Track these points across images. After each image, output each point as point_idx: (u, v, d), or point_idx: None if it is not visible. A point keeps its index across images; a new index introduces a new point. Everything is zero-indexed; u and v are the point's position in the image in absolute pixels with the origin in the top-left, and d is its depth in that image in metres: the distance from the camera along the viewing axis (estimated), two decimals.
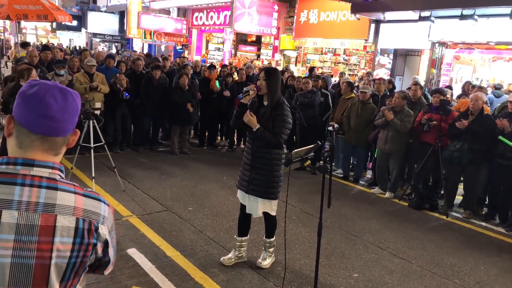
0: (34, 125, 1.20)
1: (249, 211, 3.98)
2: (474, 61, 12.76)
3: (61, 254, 1.17)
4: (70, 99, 1.25)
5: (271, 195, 3.83)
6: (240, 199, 4.07)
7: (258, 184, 3.79)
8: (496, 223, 5.96)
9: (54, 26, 28.19)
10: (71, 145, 1.31)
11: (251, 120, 3.67)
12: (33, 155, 1.21)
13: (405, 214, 6.11)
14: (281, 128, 3.69)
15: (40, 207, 1.16)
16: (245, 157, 3.95)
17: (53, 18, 9.57)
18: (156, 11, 22.57)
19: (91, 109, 5.61)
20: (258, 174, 3.78)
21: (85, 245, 1.21)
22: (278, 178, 3.84)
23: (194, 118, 8.46)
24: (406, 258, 4.64)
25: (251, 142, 3.86)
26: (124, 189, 5.95)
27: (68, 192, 1.21)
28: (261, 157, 3.77)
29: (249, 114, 3.68)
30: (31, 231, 1.14)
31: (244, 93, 3.73)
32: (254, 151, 3.82)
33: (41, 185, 1.18)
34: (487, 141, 5.80)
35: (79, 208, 1.21)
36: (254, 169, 3.81)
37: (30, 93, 1.21)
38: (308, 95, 7.78)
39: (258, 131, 3.65)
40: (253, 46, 21.05)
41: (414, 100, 6.87)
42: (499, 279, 4.35)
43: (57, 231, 1.16)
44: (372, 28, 13.93)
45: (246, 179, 3.88)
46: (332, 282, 3.99)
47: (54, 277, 1.17)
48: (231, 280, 3.85)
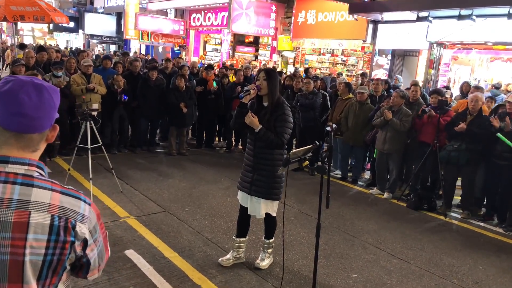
0: (8, 122, 1.19)
1: (252, 213, 3.97)
2: (472, 61, 12.77)
3: (35, 251, 1.16)
4: (45, 95, 1.23)
5: (273, 195, 3.82)
6: (240, 201, 4.04)
7: (261, 185, 3.78)
8: (494, 223, 5.95)
9: (51, 27, 28.19)
10: (50, 140, 1.30)
11: (253, 121, 3.65)
12: (8, 152, 1.20)
13: (403, 215, 6.10)
14: (283, 127, 3.68)
15: (14, 204, 1.15)
16: (246, 158, 3.93)
17: (50, 19, 9.53)
18: (153, 12, 22.56)
19: (88, 110, 5.59)
20: (261, 175, 3.77)
21: (61, 242, 1.19)
22: (280, 179, 3.84)
23: (190, 119, 8.44)
24: (404, 258, 4.63)
25: (252, 143, 3.85)
26: (122, 190, 5.93)
27: (44, 189, 1.20)
28: (264, 158, 3.76)
29: (251, 115, 3.66)
30: (4, 227, 1.14)
31: (245, 92, 3.72)
32: (256, 152, 3.80)
33: (16, 182, 1.17)
34: (484, 142, 5.80)
35: (54, 205, 1.19)
36: (257, 170, 3.79)
37: (4, 90, 1.19)
38: (309, 96, 7.63)
39: (261, 131, 3.63)
40: (251, 47, 21.05)
41: (412, 100, 6.87)
42: (498, 279, 4.35)
43: (30, 228, 1.15)
44: (370, 28, 13.95)
45: (248, 181, 3.86)
46: (331, 282, 3.98)
47: (30, 274, 1.16)
48: (229, 281, 3.83)
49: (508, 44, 11.10)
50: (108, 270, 3.78)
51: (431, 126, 6.31)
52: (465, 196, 6.29)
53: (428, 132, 6.38)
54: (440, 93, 6.88)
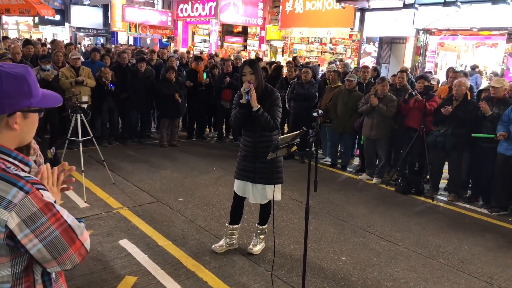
0: None
1: (254, 200, 4.07)
2: (458, 47, 12.94)
3: None
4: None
5: (278, 180, 3.97)
6: (236, 190, 4.12)
7: (265, 172, 3.89)
8: (479, 205, 6.12)
9: (36, 20, 27.75)
10: (14, 128, 1.34)
11: (254, 99, 3.72)
12: None
13: (392, 199, 6.24)
14: (275, 111, 3.83)
15: None
16: (244, 150, 4.02)
17: (36, 12, 9.45)
18: (140, 3, 22.36)
19: (78, 103, 5.60)
20: (263, 163, 3.86)
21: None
22: (281, 163, 4.01)
23: (182, 109, 8.48)
24: (393, 240, 4.76)
25: (251, 135, 3.93)
26: (114, 182, 5.97)
27: None
28: (265, 146, 3.82)
29: (254, 90, 3.72)
30: None
31: (247, 94, 3.71)
32: (256, 141, 3.91)
33: None
34: (470, 126, 5.93)
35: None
36: (258, 158, 3.89)
37: None
38: (306, 85, 7.56)
39: (259, 110, 3.72)
40: (240, 37, 21.01)
41: (399, 87, 6.99)
42: (482, 257, 4.50)
43: None
44: (357, 16, 14.01)
45: (250, 170, 3.95)
46: (322, 265, 4.09)
47: None
48: (222, 266, 3.92)
49: (493, 30, 11.25)
50: (103, 260, 3.85)
51: (418, 112, 6.43)
52: (451, 179, 6.44)
53: (415, 117, 6.50)
54: (427, 79, 7.02)
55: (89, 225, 4.58)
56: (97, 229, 4.52)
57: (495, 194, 5.86)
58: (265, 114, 3.74)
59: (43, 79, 6.98)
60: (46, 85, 7.03)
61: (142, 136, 8.68)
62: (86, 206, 5.11)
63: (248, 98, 3.70)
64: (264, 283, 3.68)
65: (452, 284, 3.89)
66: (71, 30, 29.32)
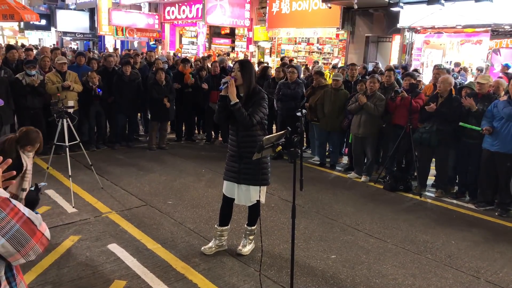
0: None
1: (240, 202, 4.06)
2: (444, 45, 13.07)
3: None
4: None
5: (263, 181, 3.92)
6: (225, 192, 4.12)
7: (249, 173, 3.87)
8: (466, 200, 6.20)
9: (22, 26, 27.45)
10: None
11: (232, 92, 3.72)
12: None
13: (380, 196, 6.29)
14: (255, 109, 3.78)
15: None
16: (230, 149, 4.01)
17: (20, 17, 9.37)
18: (126, 7, 22.25)
19: (63, 107, 5.56)
20: (248, 163, 3.84)
21: None
22: (267, 164, 3.96)
23: (172, 113, 8.46)
24: (381, 237, 4.80)
25: (235, 134, 3.93)
26: (102, 186, 5.94)
27: None
28: (248, 146, 3.82)
29: (233, 84, 3.73)
30: None
31: (223, 84, 3.79)
32: (239, 141, 3.90)
33: None
34: (455, 122, 6.00)
35: None
36: (243, 159, 3.88)
37: None
38: (291, 86, 7.61)
39: (236, 105, 3.71)
40: (227, 38, 21.02)
41: (387, 85, 7.06)
42: (469, 252, 4.56)
43: None
44: (344, 16, 14.09)
45: (235, 170, 3.94)
46: (311, 264, 4.11)
47: None
48: (212, 268, 3.93)
49: (477, 27, 11.41)
50: (91, 265, 3.83)
51: (404, 109, 6.49)
52: (438, 175, 6.52)
53: (402, 115, 6.56)
54: (413, 76, 7.10)
55: (77, 230, 4.56)
56: (85, 234, 4.49)
57: (481, 189, 5.95)
58: (242, 110, 3.72)
59: (28, 84, 6.92)
60: (32, 90, 6.97)
61: (130, 140, 8.64)
62: (74, 211, 5.07)
63: (222, 88, 3.78)
64: (254, 283, 3.69)
65: (439, 279, 3.94)
66: (58, 35, 29.07)
